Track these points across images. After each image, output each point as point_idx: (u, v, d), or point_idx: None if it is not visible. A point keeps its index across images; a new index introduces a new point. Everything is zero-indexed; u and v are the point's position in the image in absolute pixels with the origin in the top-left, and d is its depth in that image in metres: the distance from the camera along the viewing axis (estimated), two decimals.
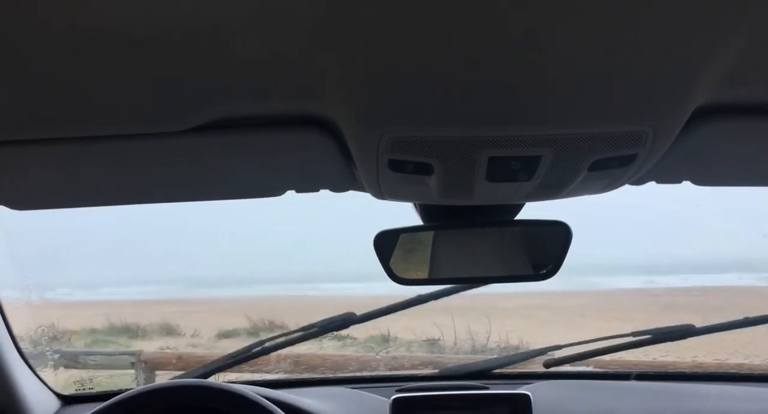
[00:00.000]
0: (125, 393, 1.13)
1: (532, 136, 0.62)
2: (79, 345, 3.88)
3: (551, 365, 1.50)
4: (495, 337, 3.53)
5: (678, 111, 0.61)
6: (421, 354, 3.73)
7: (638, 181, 0.81)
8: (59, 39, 0.51)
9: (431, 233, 0.99)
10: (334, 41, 0.50)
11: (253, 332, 4.31)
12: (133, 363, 2.89)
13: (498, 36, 0.49)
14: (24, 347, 1.43)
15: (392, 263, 0.98)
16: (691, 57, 0.52)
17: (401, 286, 1.00)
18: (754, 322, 1.43)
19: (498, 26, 0.48)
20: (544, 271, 0.98)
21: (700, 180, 0.85)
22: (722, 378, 1.55)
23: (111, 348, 3.92)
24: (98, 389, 1.72)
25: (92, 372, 2.80)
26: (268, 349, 1.51)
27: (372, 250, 0.97)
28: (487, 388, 1.33)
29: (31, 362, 1.44)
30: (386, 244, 0.98)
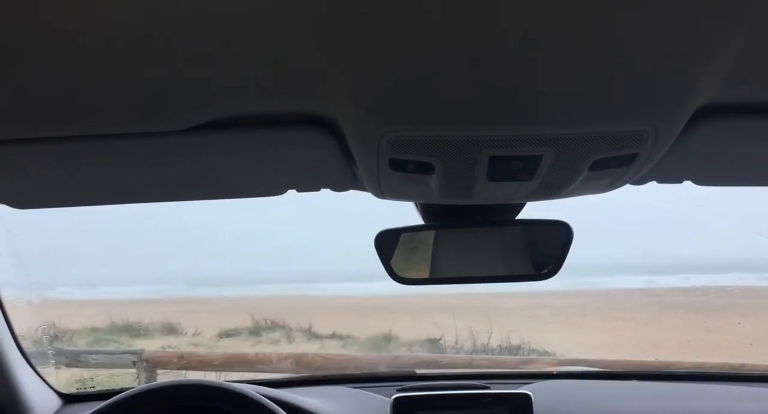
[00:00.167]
0: (126, 392, 1.13)
1: (533, 136, 0.62)
2: (81, 344, 3.89)
3: (551, 371, 1.50)
4: (496, 337, 3.53)
5: (679, 111, 0.61)
6: (423, 353, 3.73)
7: (639, 181, 0.81)
8: (61, 38, 0.51)
9: (432, 233, 0.99)
10: (335, 41, 0.50)
11: (254, 331, 4.32)
12: (135, 362, 2.89)
13: (498, 36, 0.49)
14: (25, 346, 1.43)
15: (393, 263, 0.98)
16: (692, 57, 0.52)
17: (401, 287, 1.00)
18: None
19: (498, 26, 0.48)
20: (545, 271, 0.98)
21: (701, 180, 0.85)
22: (723, 378, 1.55)
23: (112, 347, 3.93)
24: (99, 388, 1.73)
25: (93, 371, 2.81)
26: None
27: (372, 250, 0.97)
28: (488, 388, 1.33)
29: (33, 361, 1.44)
30: (387, 244, 0.98)
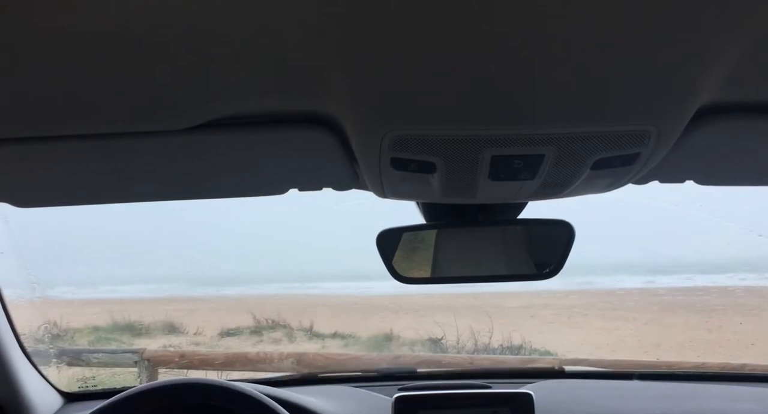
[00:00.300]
0: (128, 391, 1.13)
1: (535, 135, 0.62)
2: (83, 343, 3.90)
3: (553, 371, 1.50)
4: (497, 336, 3.53)
5: (681, 110, 0.61)
6: (424, 353, 3.73)
7: (641, 181, 0.81)
8: (62, 38, 0.51)
9: (434, 232, 0.99)
10: (337, 40, 0.50)
11: (256, 330, 4.32)
12: (136, 361, 2.90)
13: (499, 35, 0.49)
14: (27, 345, 1.43)
15: (395, 262, 0.97)
16: (694, 57, 0.52)
17: (403, 286, 1.00)
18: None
19: (499, 26, 0.48)
20: (547, 270, 0.98)
21: (703, 179, 0.85)
22: (725, 378, 1.55)
23: (114, 346, 3.93)
24: (101, 387, 1.73)
25: (95, 370, 2.81)
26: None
27: (374, 249, 0.97)
28: (490, 388, 1.33)
29: (35, 360, 1.44)
30: (389, 243, 0.97)
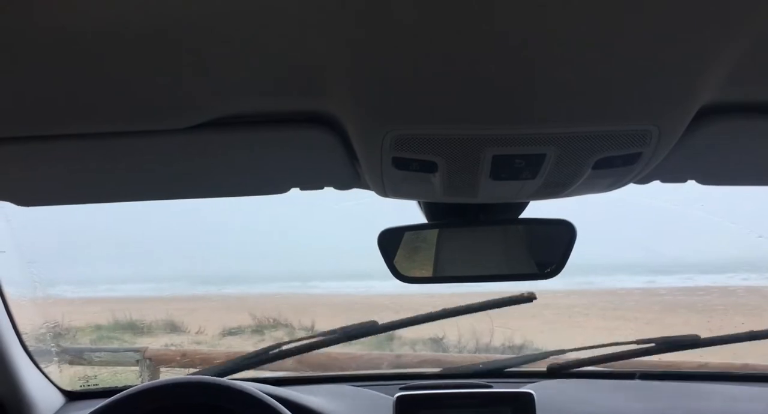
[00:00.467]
0: (130, 389, 1.13)
1: (536, 135, 0.62)
2: (84, 341, 3.90)
3: (554, 372, 1.51)
4: (499, 336, 3.52)
5: (682, 110, 0.61)
6: (426, 352, 3.73)
7: (643, 180, 0.81)
8: (63, 37, 0.51)
9: (435, 231, 0.99)
10: (337, 40, 0.50)
11: (257, 329, 4.32)
12: (138, 360, 2.90)
13: (499, 35, 0.49)
14: (29, 343, 1.43)
15: (396, 261, 0.98)
16: (695, 56, 0.52)
17: (404, 286, 1.00)
18: (760, 336, 1.44)
19: (499, 25, 0.47)
20: (549, 270, 0.98)
21: (705, 179, 0.85)
22: (727, 378, 1.55)
23: (116, 344, 3.93)
24: (103, 385, 1.73)
25: (97, 368, 2.81)
26: (286, 353, 1.51)
27: (376, 248, 0.97)
28: (491, 387, 1.33)
29: (37, 358, 1.45)
30: (390, 242, 0.97)
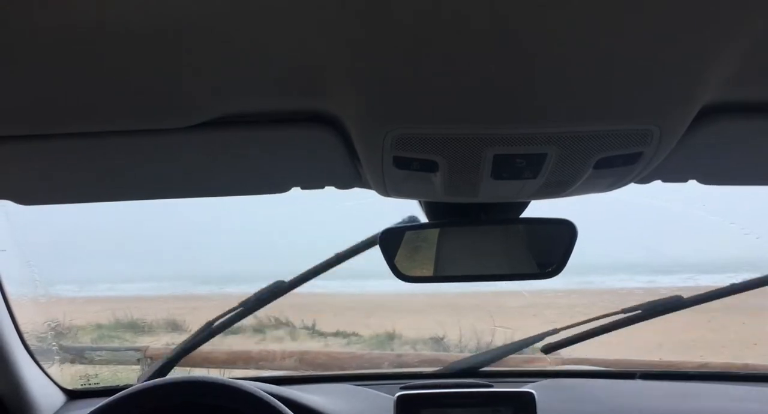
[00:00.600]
0: (131, 388, 1.13)
1: (538, 134, 0.62)
2: (85, 340, 3.89)
3: (549, 350, 1.51)
4: (499, 335, 3.52)
5: (684, 110, 0.61)
6: (426, 352, 3.72)
7: (644, 180, 0.81)
8: (64, 36, 0.51)
9: (436, 231, 0.99)
10: (338, 40, 0.50)
11: (258, 329, 4.32)
12: (139, 359, 2.90)
13: (500, 34, 0.49)
14: (30, 342, 1.43)
15: (397, 261, 0.98)
16: (697, 56, 0.52)
17: (405, 285, 1.00)
18: (742, 289, 1.43)
19: (500, 25, 0.48)
20: (550, 269, 0.98)
21: (707, 179, 0.85)
22: (727, 378, 1.55)
23: (117, 344, 3.92)
24: (104, 384, 1.73)
25: (98, 367, 2.81)
26: (216, 330, 1.54)
27: (376, 248, 0.97)
28: (492, 387, 1.33)
29: (38, 357, 1.45)
30: (391, 242, 0.98)
